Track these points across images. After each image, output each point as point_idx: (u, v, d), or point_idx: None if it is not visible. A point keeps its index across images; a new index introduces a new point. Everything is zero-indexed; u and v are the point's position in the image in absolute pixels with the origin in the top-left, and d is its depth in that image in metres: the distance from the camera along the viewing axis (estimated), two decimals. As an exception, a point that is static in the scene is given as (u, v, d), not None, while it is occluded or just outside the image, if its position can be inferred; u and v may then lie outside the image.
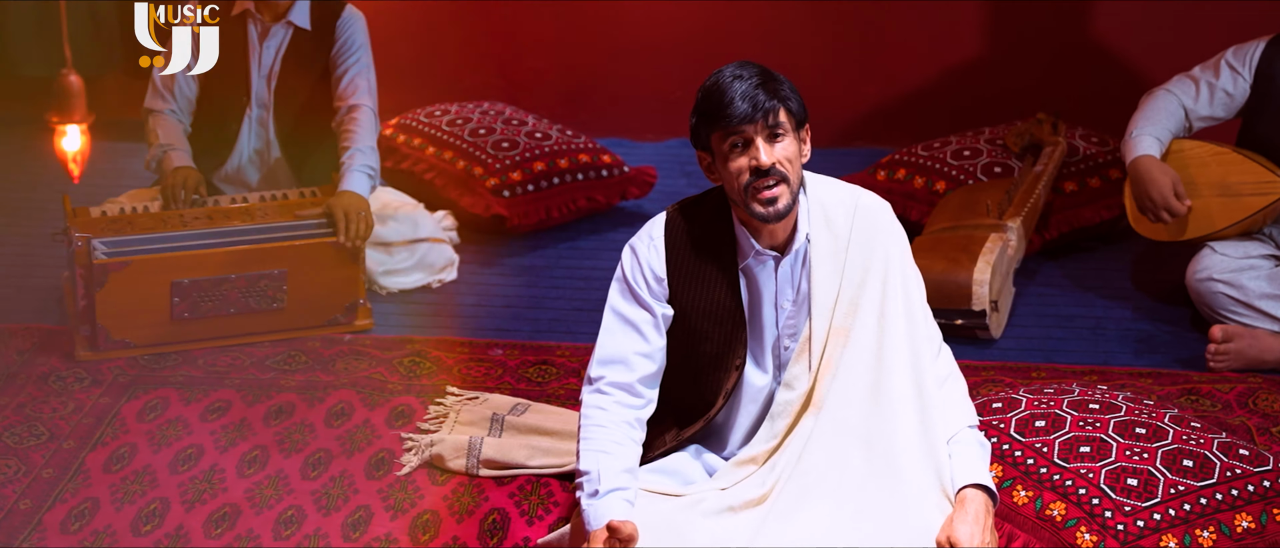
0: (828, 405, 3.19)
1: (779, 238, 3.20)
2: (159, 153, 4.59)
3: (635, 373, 3.19)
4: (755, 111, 3.02)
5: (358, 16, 4.70)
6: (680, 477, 3.28)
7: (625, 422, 3.17)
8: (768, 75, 3.08)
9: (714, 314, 3.23)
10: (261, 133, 4.71)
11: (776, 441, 3.24)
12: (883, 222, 3.26)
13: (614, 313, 3.24)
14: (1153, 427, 3.37)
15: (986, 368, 4.27)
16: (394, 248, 4.72)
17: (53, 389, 4.10)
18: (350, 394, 4.08)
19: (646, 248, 3.23)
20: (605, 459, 3.09)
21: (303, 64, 4.64)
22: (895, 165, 5.24)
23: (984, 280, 4.37)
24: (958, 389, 3.27)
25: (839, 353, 3.19)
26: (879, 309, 3.20)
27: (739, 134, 3.05)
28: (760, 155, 3.04)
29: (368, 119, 4.61)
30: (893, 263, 3.23)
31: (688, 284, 3.21)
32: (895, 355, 3.19)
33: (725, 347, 3.25)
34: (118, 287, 4.17)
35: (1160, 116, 4.49)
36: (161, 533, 3.49)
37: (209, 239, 4.29)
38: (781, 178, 3.07)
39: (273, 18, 4.59)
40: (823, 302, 3.21)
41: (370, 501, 3.62)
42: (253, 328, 4.36)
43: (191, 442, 3.86)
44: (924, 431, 3.16)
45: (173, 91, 4.64)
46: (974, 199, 4.80)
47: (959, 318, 4.40)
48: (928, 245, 4.58)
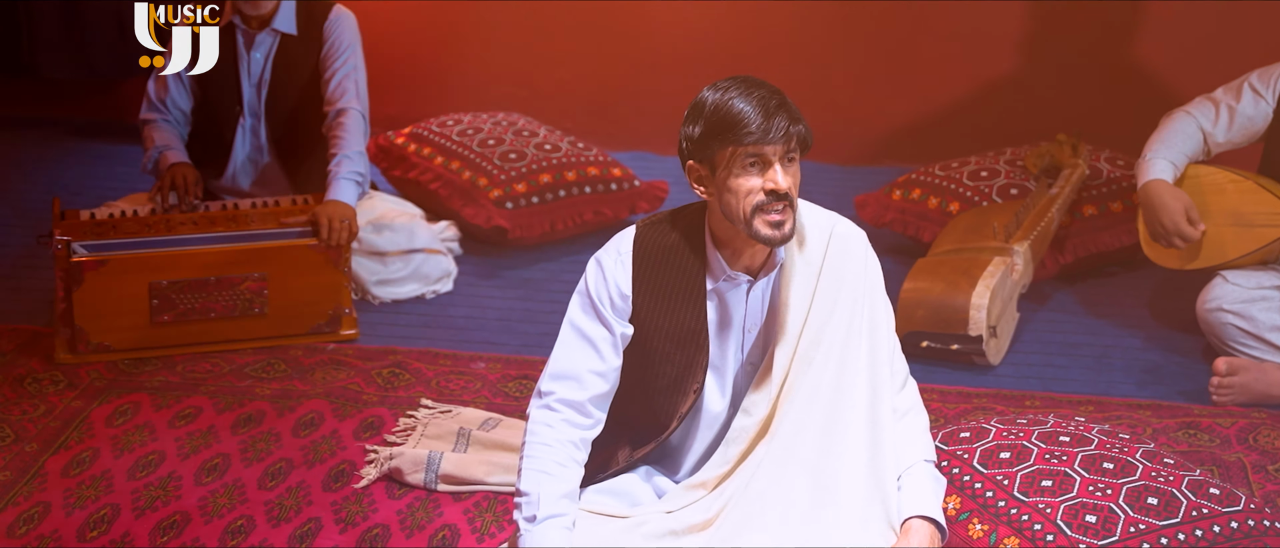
0: (780, 434, 3.09)
1: (756, 261, 3.10)
2: (155, 154, 4.58)
3: (587, 391, 3.10)
4: (781, 133, 2.92)
5: (346, 17, 4.66)
6: (628, 498, 3.19)
7: (571, 442, 3.07)
8: (784, 96, 2.99)
9: (677, 336, 3.13)
10: (253, 140, 4.69)
11: (729, 466, 3.15)
12: (856, 250, 3.15)
13: (572, 327, 3.14)
14: (1122, 462, 3.21)
15: (979, 395, 4.13)
16: (388, 258, 4.67)
17: (27, 391, 4.08)
18: (322, 404, 4.03)
19: (613, 263, 3.13)
20: (547, 482, 3.00)
21: (292, 69, 4.61)
22: (911, 185, 5.10)
23: (982, 305, 4.23)
24: (917, 423, 3.17)
25: (799, 381, 3.09)
26: (843, 340, 3.10)
27: (758, 154, 2.94)
28: (778, 178, 2.93)
29: (355, 123, 4.56)
30: (862, 294, 3.13)
31: (653, 303, 3.12)
32: (853, 387, 3.09)
33: (685, 370, 3.15)
34: (95, 286, 4.15)
35: (1176, 140, 4.32)
36: (107, 540, 3.44)
37: (189, 245, 4.25)
38: (791, 203, 2.97)
39: (258, 25, 4.56)
40: (789, 329, 3.10)
41: (322, 513, 3.56)
42: (235, 335, 4.32)
43: (155, 448, 3.82)
44: (874, 464, 3.07)
45: (165, 104, 4.64)
46: (983, 221, 4.66)
47: (955, 343, 4.26)
48: (929, 267, 4.45)
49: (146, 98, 4.67)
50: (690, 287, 3.12)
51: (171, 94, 4.64)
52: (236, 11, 4.56)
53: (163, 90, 4.64)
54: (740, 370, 3.18)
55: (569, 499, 3.01)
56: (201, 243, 4.26)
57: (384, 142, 5.40)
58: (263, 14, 4.54)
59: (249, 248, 4.27)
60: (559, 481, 3.01)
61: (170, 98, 4.64)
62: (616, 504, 3.15)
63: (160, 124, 4.64)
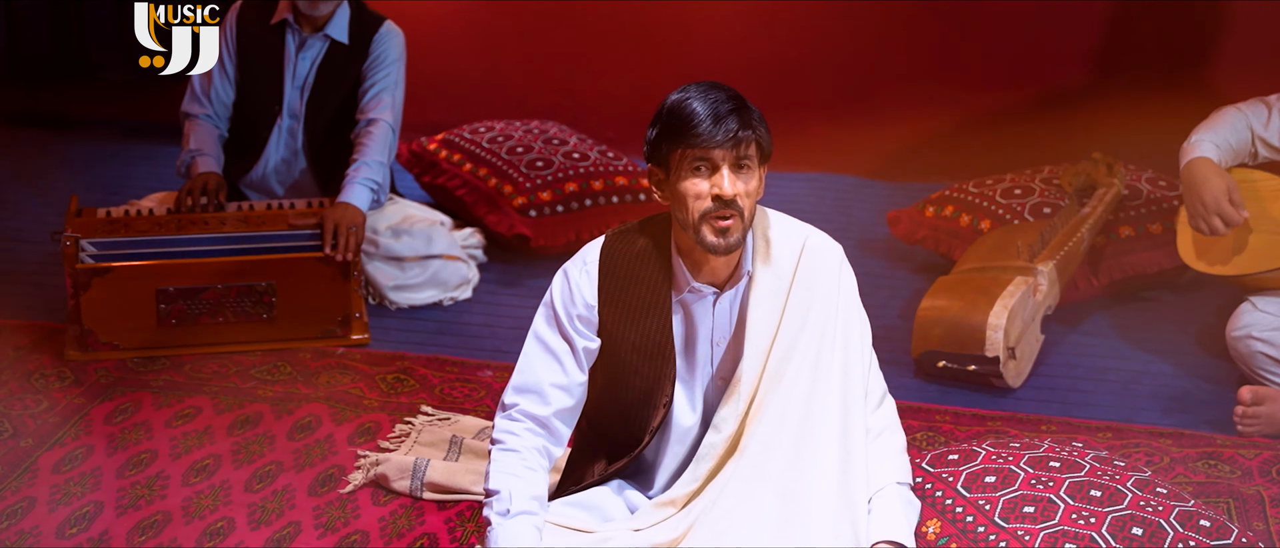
0: (749, 452, 3.01)
1: (720, 274, 3.02)
2: (188, 158, 4.58)
3: (550, 406, 3.04)
4: (728, 138, 2.85)
5: (395, 34, 4.63)
6: (599, 512, 3.13)
7: (535, 450, 3.02)
8: (742, 101, 2.90)
9: (643, 348, 3.06)
10: (290, 143, 4.67)
11: (698, 484, 3.07)
12: (829, 264, 3.06)
13: (536, 339, 3.09)
14: (1110, 490, 3.08)
15: (994, 418, 4.01)
16: (406, 263, 4.64)
17: (33, 387, 4.10)
18: (321, 408, 4.00)
19: (579, 273, 3.07)
20: (516, 482, 2.95)
21: (336, 77, 4.59)
22: (944, 201, 4.98)
23: (999, 326, 4.10)
24: (892, 444, 3.08)
25: (769, 398, 3.01)
26: (815, 356, 3.02)
27: (707, 158, 2.87)
28: (724, 184, 2.86)
29: (383, 134, 4.53)
30: (835, 309, 3.04)
31: (619, 315, 3.05)
32: (824, 406, 3.01)
33: (654, 383, 3.07)
34: (101, 291, 4.16)
35: (1224, 129, 4.13)
36: (85, 537, 3.43)
37: (197, 247, 4.25)
38: (740, 211, 2.89)
39: (311, 29, 4.55)
40: (757, 343, 3.02)
41: (303, 517, 3.52)
42: (243, 337, 4.31)
43: (148, 447, 3.81)
44: (844, 484, 2.98)
45: (209, 96, 4.63)
46: (1009, 240, 4.52)
47: (971, 363, 4.13)
48: (948, 286, 4.33)
49: (190, 88, 4.66)
50: (655, 298, 3.04)
51: (216, 86, 4.63)
52: (292, 10, 4.54)
53: (207, 82, 4.63)
54: (710, 385, 3.10)
55: (538, 501, 2.96)
56: (208, 248, 4.24)
57: (417, 147, 5.38)
58: (319, 17, 4.52)
59: (256, 258, 4.25)
60: (527, 483, 2.95)
61: (214, 90, 4.63)
62: (586, 518, 3.08)
63: (201, 121, 4.63)
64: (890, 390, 4.13)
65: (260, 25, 4.59)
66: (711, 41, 5.90)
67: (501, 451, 3.01)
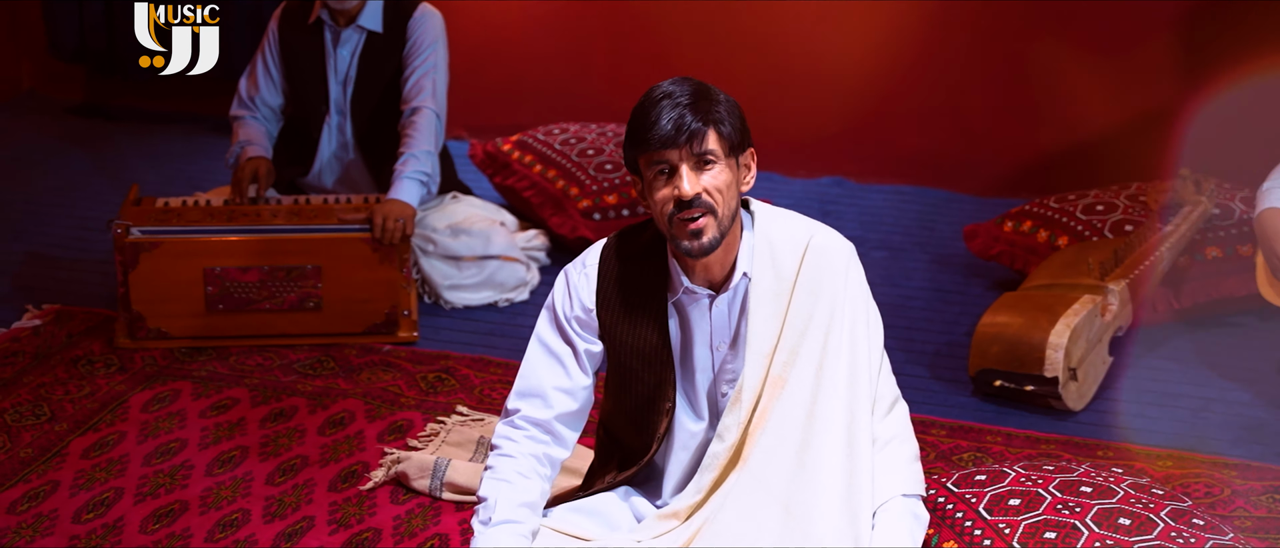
0: (752, 462, 2.89)
1: (714, 275, 2.90)
2: (237, 149, 4.58)
3: (552, 410, 2.94)
4: (679, 135, 2.73)
5: (431, 15, 4.58)
6: (604, 520, 3.03)
7: (533, 456, 2.92)
8: (702, 95, 2.78)
9: (642, 352, 2.95)
10: (339, 138, 4.65)
11: (701, 495, 2.96)
12: (835, 264, 2.92)
13: (539, 342, 3.00)
14: (1141, 519, 2.90)
15: (1048, 441, 3.83)
16: (463, 262, 4.58)
17: (78, 372, 4.11)
18: (356, 404, 3.96)
19: (578, 276, 2.98)
20: (505, 489, 2.86)
21: (377, 67, 4.56)
22: (1022, 216, 4.78)
23: (1060, 345, 3.91)
24: (901, 453, 2.92)
25: (772, 405, 2.88)
26: (818, 362, 2.88)
27: (664, 161, 2.76)
28: (683, 184, 2.74)
29: (428, 122, 4.48)
30: (841, 310, 2.90)
31: (617, 319, 2.95)
32: (830, 413, 2.86)
33: (656, 388, 2.97)
34: (149, 269, 4.17)
35: None
36: (99, 523, 3.41)
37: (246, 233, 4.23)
38: (708, 209, 2.76)
39: (345, 21, 4.52)
40: (759, 348, 2.89)
41: (319, 512, 3.47)
42: (290, 329, 4.29)
43: (179, 436, 3.80)
44: (849, 497, 2.84)
45: (254, 101, 4.64)
46: (1081, 257, 4.33)
47: (1029, 384, 3.95)
48: (1012, 302, 4.15)
49: (237, 95, 4.68)
50: (651, 301, 2.94)
51: (262, 92, 4.63)
52: (324, 8, 4.53)
53: (253, 88, 4.64)
54: (715, 391, 2.98)
55: (528, 508, 2.86)
56: (256, 232, 4.22)
57: (491, 148, 5.32)
58: (349, 10, 4.50)
59: (302, 239, 4.22)
60: (517, 489, 2.86)
61: (260, 95, 4.64)
62: (590, 525, 2.99)
63: (247, 121, 4.64)
64: (947, 409, 4.01)
65: (299, 27, 4.57)
66: (799, 49, 5.76)
67: (497, 456, 2.93)
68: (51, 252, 4.99)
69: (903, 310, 4.65)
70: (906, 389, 4.10)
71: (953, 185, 5.71)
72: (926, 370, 4.26)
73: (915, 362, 4.31)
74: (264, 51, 4.63)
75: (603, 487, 3.08)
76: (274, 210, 4.32)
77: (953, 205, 5.59)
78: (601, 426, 3.16)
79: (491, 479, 2.88)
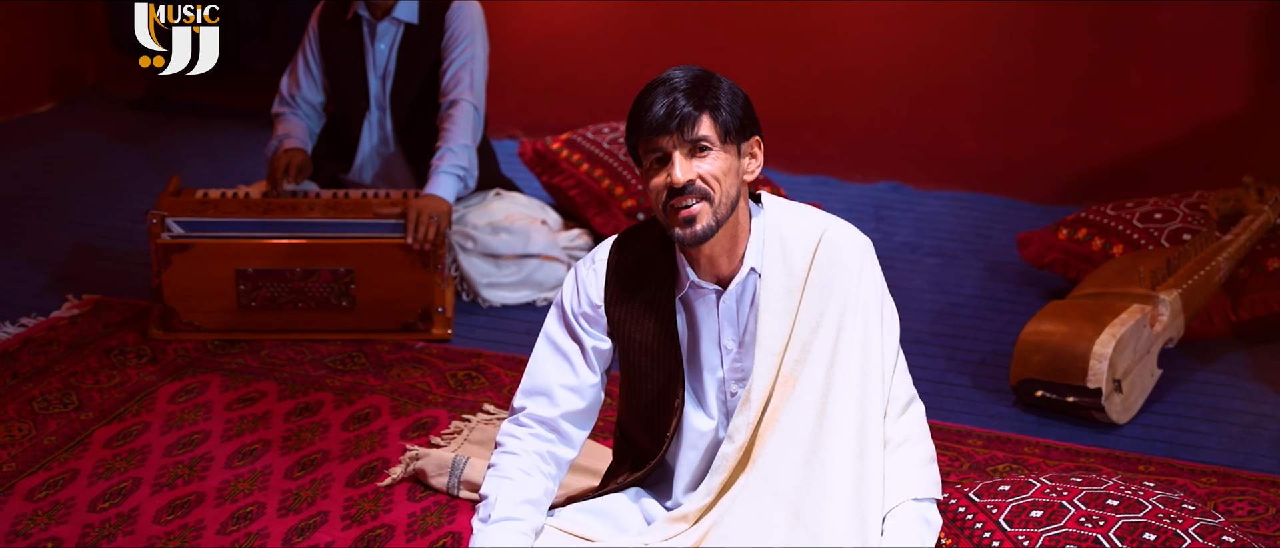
0: (760, 464, 2.81)
1: (722, 269, 2.82)
2: (275, 143, 4.56)
3: (559, 408, 2.88)
4: (670, 120, 2.66)
5: (468, 6, 4.52)
6: (613, 521, 2.95)
7: (537, 454, 2.86)
8: (700, 81, 2.70)
9: (650, 349, 2.88)
10: (380, 133, 4.61)
11: (711, 498, 2.88)
12: (848, 260, 2.82)
13: (546, 339, 2.94)
14: (1168, 534, 2.78)
15: (1088, 454, 3.70)
16: (502, 261, 4.53)
17: (110, 362, 4.10)
18: (383, 400, 3.91)
19: (587, 272, 2.91)
20: (506, 486, 2.79)
21: (415, 60, 4.52)
22: (1078, 224, 4.65)
23: (1104, 355, 3.78)
24: (913, 455, 2.82)
25: (781, 405, 2.80)
26: (830, 360, 2.79)
27: (658, 148, 2.69)
28: (675, 171, 2.67)
29: (465, 115, 4.42)
30: (853, 307, 2.80)
31: (625, 315, 2.88)
32: (841, 414, 2.77)
33: (665, 386, 2.89)
34: (182, 269, 4.15)
35: None
36: (114, 512, 3.39)
37: (279, 230, 4.20)
38: (702, 195, 2.69)
39: (381, 14, 4.48)
40: (769, 346, 2.81)
41: (333, 508, 3.43)
42: (324, 326, 4.26)
43: (203, 428, 3.77)
44: (859, 501, 2.75)
45: (296, 99, 4.61)
46: (1134, 266, 4.19)
47: (1071, 395, 3.82)
48: (1057, 310, 4.02)
49: (279, 92, 4.66)
50: (658, 297, 2.86)
51: (303, 89, 4.61)
52: (361, 2, 4.50)
53: (294, 85, 4.62)
54: (725, 391, 2.89)
55: (531, 506, 2.79)
56: (289, 232, 4.19)
57: (541, 146, 5.27)
58: (385, 2, 4.46)
59: (335, 243, 4.19)
60: (519, 487, 2.79)
61: (301, 93, 4.61)
62: (598, 526, 2.92)
63: (288, 116, 4.61)
64: (985, 419, 3.90)
65: (338, 23, 4.54)
66: (857, 49, 5.65)
67: (500, 454, 2.87)
68: (97, 243, 5.00)
69: (950, 318, 4.53)
70: (947, 398, 4.03)
71: (1013, 192, 5.58)
72: (969, 379, 4.14)
73: (958, 370, 4.19)
74: (305, 49, 4.61)
75: (614, 488, 3.01)
76: (310, 204, 4.29)
77: (1012, 213, 5.45)
78: (617, 426, 3.09)
79: (493, 477, 2.82)
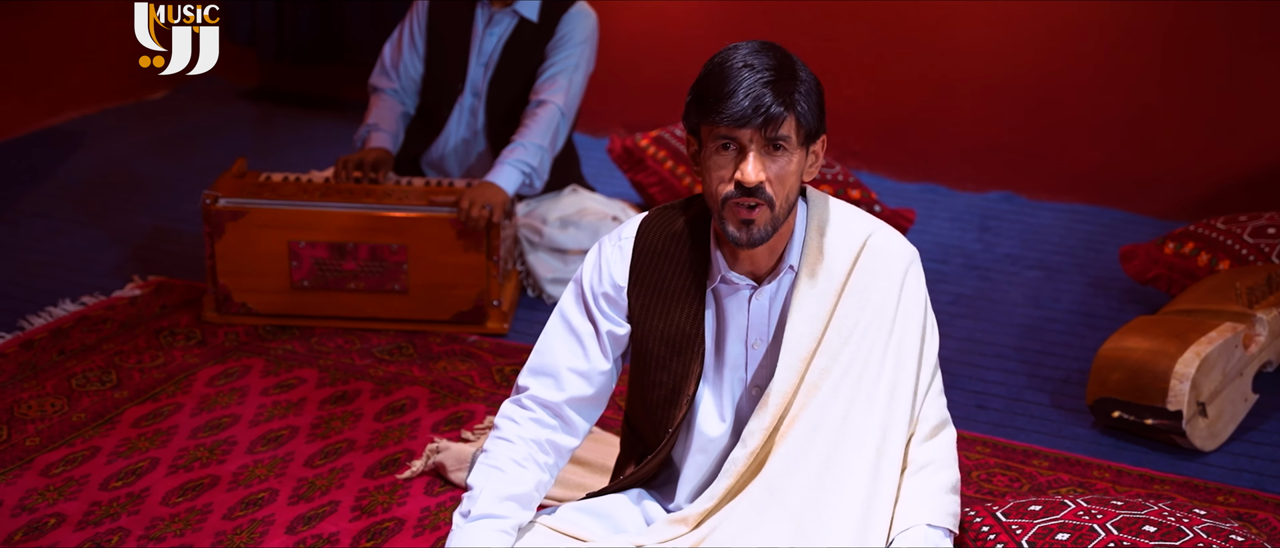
0: (769, 473, 2.63)
1: (759, 265, 2.63)
2: (365, 132, 4.46)
3: (564, 392, 2.70)
4: (755, 115, 2.45)
5: (585, 14, 4.37)
6: (610, 521, 2.78)
7: (535, 442, 2.68)
8: (785, 71, 2.49)
9: (672, 340, 2.69)
10: (471, 122, 4.47)
11: (714, 502, 2.70)
12: (891, 268, 2.62)
13: (560, 317, 2.76)
14: (1204, 567, 2.50)
15: (1162, 480, 3.41)
16: (568, 256, 4.38)
17: (158, 343, 4.04)
18: (422, 392, 3.79)
19: (613, 250, 2.73)
20: (494, 478, 2.62)
21: (521, 56, 4.37)
22: (1186, 238, 4.33)
23: (1186, 375, 3.48)
24: (934, 481, 2.61)
25: (801, 414, 2.61)
26: (859, 371, 2.60)
27: (733, 137, 2.49)
28: (748, 170, 2.47)
29: (550, 117, 4.26)
30: (891, 319, 2.61)
31: (649, 300, 2.69)
32: (861, 431, 2.58)
33: (681, 379, 2.70)
34: (234, 238, 4.08)
35: None
36: (124, 492, 3.30)
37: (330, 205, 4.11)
38: (768, 200, 2.49)
39: (501, 4, 4.35)
40: (796, 350, 2.61)
41: (346, 498, 3.30)
42: (376, 312, 4.14)
43: (233, 412, 3.68)
44: (865, 524, 2.57)
45: (398, 70, 4.50)
46: (1231, 281, 3.87)
47: (1149, 417, 3.53)
48: (1142, 326, 3.73)
49: (380, 62, 4.54)
50: (688, 286, 2.67)
51: (404, 60, 4.49)
52: None
53: (397, 55, 4.50)
54: (744, 394, 2.70)
55: (516, 502, 2.61)
56: (341, 207, 4.09)
57: (629, 142, 5.10)
58: None
59: (386, 216, 4.08)
60: (509, 480, 2.62)
61: (403, 63, 4.49)
62: (594, 526, 2.74)
63: (385, 95, 4.50)
64: (1057, 440, 3.63)
65: None
66: (971, 51, 5.38)
67: (495, 439, 2.69)
68: (175, 226, 4.97)
69: (1038, 333, 4.25)
70: (1020, 416, 3.76)
71: (1133, 206, 5.26)
72: (1048, 398, 3.87)
73: (1038, 388, 3.92)
74: (411, 20, 4.49)
75: (615, 487, 2.83)
76: (368, 189, 4.18)
77: (1130, 228, 5.13)
78: (625, 421, 2.91)
79: (482, 466, 2.65)
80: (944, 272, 4.70)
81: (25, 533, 3.14)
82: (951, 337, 4.21)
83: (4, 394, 3.72)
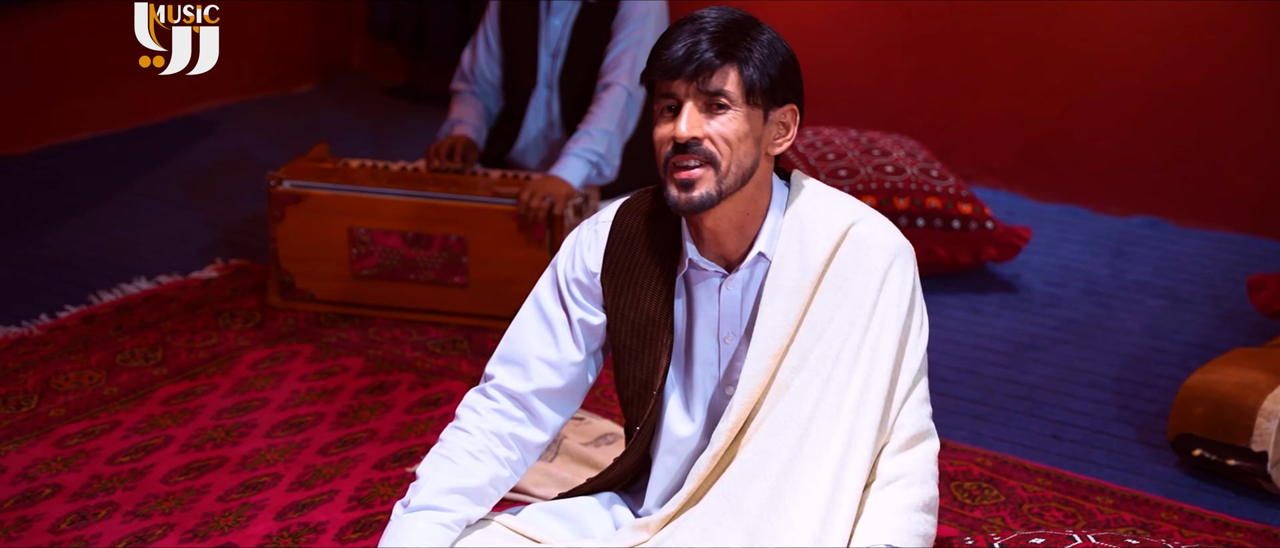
0: (727, 479, 2.43)
1: (728, 249, 2.43)
2: (447, 127, 4.36)
3: (531, 383, 2.52)
4: (687, 64, 2.29)
5: None
6: (576, 525, 2.60)
7: (495, 434, 2.51)
8: (734, 27, 2.32)
9: (642, 330, 2.50)
10: (546, 114, 4.33)
11: (676, 508, 2.50)
12: (872, 261, 2.39)
13: (533, 303, 2.59)
14: (1205, 619, 2.18)
15: (1239, 528, 3.05)
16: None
17: (214, 325, 3.98)
18: (462, 386, 3.65)
19: (589, 234, 2.56)
20: (443, 468, 2.45)
21: (589, 40, 4.21)
22: (1310, 265, 3.92)
23: (1275, 413, 3.13)
24: (903, 499, 2.37)
25: (768, 414, 2.39)
26: (827, 372, 2.37)
27: (670, 94, 2.32)
28: (680, 124, 2.30)
29: (617, 99, 4.09)
30: (867, 315, 2.38)
31: (621, 288, 2.51)
32: (826, 436, 2.36)
33: (650, 373, 2.51)
34: (295, 222, 4.01)
35: None
36: (128, 468, 3.23)
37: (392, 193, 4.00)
38: (708, 158, 2.30)
39: None
40: (766, 346, 2.40)
41: (346, 488, 3.18)
42: (436, 304, 4.03)
43: (264, 395, 3.59)
44: (822, 540, 2.32)
45: (474, 73, 4.39)
46: (1350, 313, 3.48)
47: (1232, 457, 3.17)
48: (1237, 358, 3.37)
49: (459, 67, 4.46)
50: (657, 273, 2.48)
51: (480, 64, 4.38)
52: None
53: (473, 59, 4.40)
54: (717, 392, 2.48)
55: (464, 495, 2.44)
56: (402, 195, 3.98)
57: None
58: None
59: (447, 206, 3.95)
60: (458, 472, 2.45)
61: (479, 68, 4.39)
62: (558, 528, 2.56)
63: (466, 96, 4.40)
64: (1130, 476, 3.33)
65: None
66: (1118, 63, 5.00)
67: (453, 428, 2.53)
68: (270, 213, 4.94)
69: (1146, 364, 3.90)
70: (1098, 448, 3.44)
71: (1248, 228, 4.84)
72: (1135, 432, 3.52)
73: (1127, 421, 3.58)
74: (486, 23, 4.40)
75: (588, 488, 2.65)
76: (436, 179, 4.07)
77: (1249, 248, 4.75)
78: None
79: (434, 455, 2.49)
80: (1059, 295, 4.36)
81: (17, 502, 3.10)
82: (1046, 363, 3.89)
83: (48, 366, 3.70)
